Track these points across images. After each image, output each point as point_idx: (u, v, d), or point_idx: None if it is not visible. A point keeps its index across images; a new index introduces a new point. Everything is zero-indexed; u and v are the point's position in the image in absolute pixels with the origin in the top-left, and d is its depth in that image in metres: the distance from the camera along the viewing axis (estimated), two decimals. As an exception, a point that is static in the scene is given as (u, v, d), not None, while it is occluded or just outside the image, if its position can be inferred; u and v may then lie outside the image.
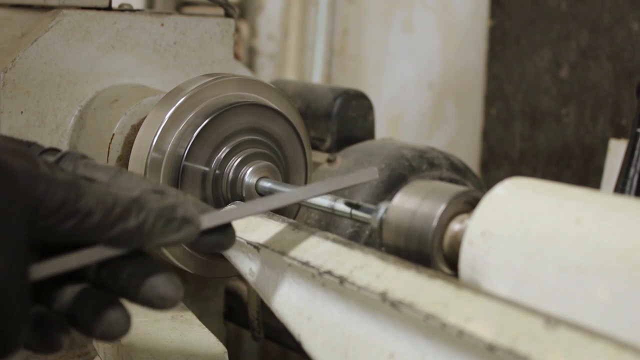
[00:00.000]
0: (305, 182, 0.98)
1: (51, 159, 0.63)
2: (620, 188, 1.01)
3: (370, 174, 0.73)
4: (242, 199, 0.88)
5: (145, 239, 0.58)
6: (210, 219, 0.63)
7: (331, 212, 0.76)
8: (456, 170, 1.12)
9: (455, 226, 0.65)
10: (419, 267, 0.61)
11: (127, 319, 0.59)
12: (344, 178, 0.72)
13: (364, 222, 0.73)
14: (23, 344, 0.53)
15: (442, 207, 0.65)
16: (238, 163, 0.89)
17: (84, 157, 0.64)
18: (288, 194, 0.71)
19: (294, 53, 2.01)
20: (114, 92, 1.05)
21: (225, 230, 0.63)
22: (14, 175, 0.52)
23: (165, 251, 0.90)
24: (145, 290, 0.58)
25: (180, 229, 0.59)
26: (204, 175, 0.88)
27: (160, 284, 0.58)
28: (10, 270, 0.51)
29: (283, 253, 0.70)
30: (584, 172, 1.56)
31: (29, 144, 0.64)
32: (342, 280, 0.63)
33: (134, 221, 0.57)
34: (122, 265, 0.58)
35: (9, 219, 0.51)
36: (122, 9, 1.09)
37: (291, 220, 0.77)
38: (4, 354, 0.52)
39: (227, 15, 1.16)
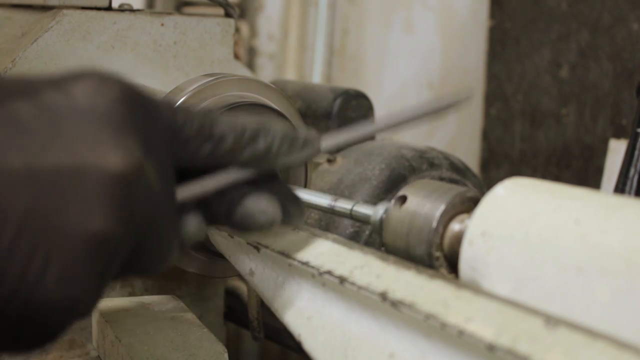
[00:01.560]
0: (305, 182, 0.98)
1: None
2: (620, 188, 1.01)
3: (467, 93, 0.72)
4: (242, 199, 0.88)
5: (273, 159, 0.62)
6: (329, 140, 0.66)
7: (331, 212, 0.76)
8: (456, 170, 1.12)
9: (455, 226, 0.65)
10: (419, 267, 0.61)
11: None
12: (435, 102, 0.71)
13: (364, 222, 0.73)
14: (176, 251, 0.58)
15: (442, 207, 0.65)
16: (238, 163, 0.89)
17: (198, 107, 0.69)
18: (395, 117, 0.69)
19: (294, 53, 2.01)
20: (114, 92, 1.05)
21: (297, 203, 0.67)
22: (159, 108, 0.57)
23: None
24: (250, 205, 0.62)
25: (304, 149, 0.63)
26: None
27: (263, 201, 0.62)
28: (164, 190, 0.55)
29: (283, 253, 0.70)
30: (584, 172, 1.56)
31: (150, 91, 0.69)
32: (342, 280, 0.63)
33: (262, 143, 0.61)
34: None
35: (159, 145, 0.56)
36: (122, 9, 1.09)
37: (291, 220, 0.77)
38: (160, 265, 0.57)
39: (227, 15, 1.16)
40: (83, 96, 0.52)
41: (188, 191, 0.60)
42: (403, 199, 0.68)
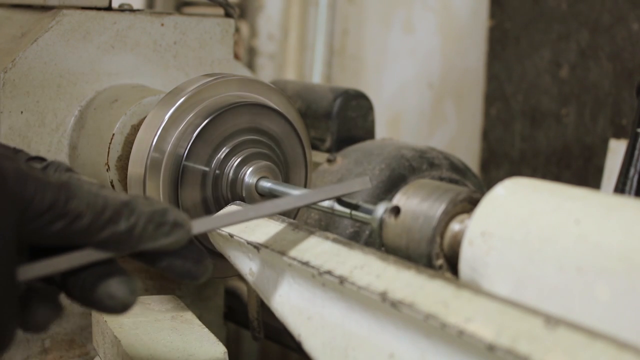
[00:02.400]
0: (305, 182, 0.98)
1: (38, 166, 0.63)
2: (620, 188, 1.01)
3: (363, 184, 0.73)
4: (242, 199, 0.88)
5: (135, 242, 0.57)
6: (201, 224, 0.62)
7: (331, 212, 0.76)
8: (456, 170, 1.12)
9: (455, 226, 0.65)
10: (419, 267, 0.61)
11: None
12: (335, 187, 0.72)
13: (364, 222, 0.73)
14: (13, 343, 0.53)
15: (442, 207, 0.65)
16: (238, 163, 0.89)
17: (69, 169, 0.63)
18: (279, 201, 0.70)
19: (294, 53, 2.01)
20: (114, 92, 1.05)
21: (201, 260, 0.62)
22: (4, 176, 0.52)
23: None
24: (100, 289, 0.57)
25: (171, 233, 0.59)
26: (204, 175, 0.88)
27: (114, 284, 0.57)
28: (1, 265, 0.51)
29: (283, 253, 0.70)
30: (584, 172, 1.56)
31: (16, 151, 0.64)
32: (342, 280, 0.63)
33: (124, 224, 0.56)
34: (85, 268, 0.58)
35: (1, 219, 0.51)
36: (122, 9, 1.09)
37: (291, 220, 0.77)
38: None
39: (227, 15, 1.16)
40: None
41: (32, 271, 0.55)
42: (397, 211, 0.67)
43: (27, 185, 0.53)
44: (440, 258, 0.65)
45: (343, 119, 1.18)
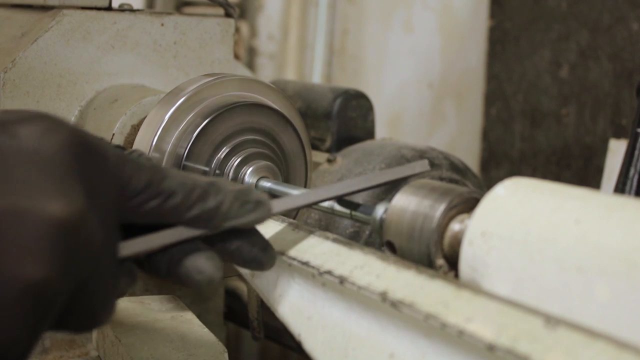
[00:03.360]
0: (306, 182, 0.98)
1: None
2: (620, 188, 1.01)
3: (422, 166, 0.74)
4: (242, 199, 0.88)
5: (222, 219, 0.60)
6: (278, 204, 0.66)
7: (331, 212, 0.76)
8: (456, 170, 1.12)
9: (455, 226, 0.65)
10: (419, 267, 0.61)
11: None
12: (394, 170, 0.73)
13: (364, 222, 0.73)
14: (113, 310, 0.57)
15: (442, 207, 0.65)
16: (238, 163, 0.89)
17: (149, 159, 0.66)
18: (350, 182, 0.71)
19: (294, 53, 2.01)
20: (114, 92, 1.05)
21: (267, 249, 0.65)
22: (107, 157, 0.55)
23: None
24: (188, 264, 0.60)
25: (255, 210, 0.61)
26: (204, 175, 0.88)
27: (202, 259, 0.60)
28: (106, 243, 0.53)
29: (283, 253, 0.70)
30: (584, 172, 1.56)
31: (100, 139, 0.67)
32: (342, 280, 0.63)
33: (212, 202, 0.59)
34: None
35: (104, 196, 0.54)
36: (122, 9, 1.09)
37: (291, 220, 0.77)
38: (96, 323, 0.55)
39: (227, 15, 1.16)
40: (29, 139, 0.50)
41: (132, 248, 0.58)
42: (392, 248, 0.68)
43: (125, 167, 0.56)
44: (440, 258, 0.65)
45: (343, 119, 1.18)
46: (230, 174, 0.89)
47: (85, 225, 0.50)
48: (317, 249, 0.69)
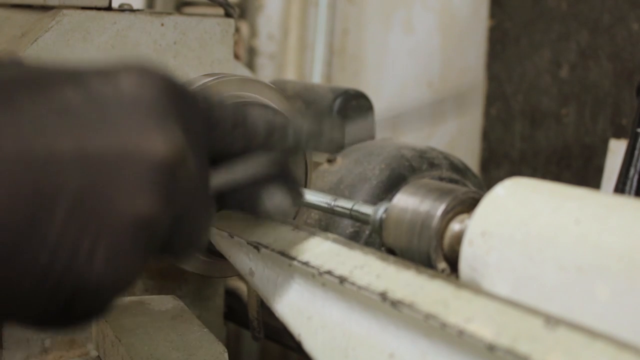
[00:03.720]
0: (306, 182, 0.98)
1: None
2: (620, 188, 1.01)
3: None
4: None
5: (299, 152, 0.70)
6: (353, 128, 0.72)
7: (331, 212, 0.76)
8: (456, 170, 1.12)
9: (455, 226, 0.65)
10: (419, 267, 0.61)
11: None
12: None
13: (364, 222, 0.73)
14: (208, 237, 0.64)
15: (442, 207, 0.65)
16: (238, 163, 0.89)
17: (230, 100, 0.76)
18: None
19: (294, 53, 2.01)
20: (114, 92, 1.05)
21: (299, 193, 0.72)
22: (197, 98, 0.59)
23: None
24: (266, 196, 0.67)
25: (326, 141, 0.67)
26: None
27: (277, 196, 0.67)
28: (202, 176, 0.58)
29: (283, 253, 0.70)
30: (584, 172, 1.56)
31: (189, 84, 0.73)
32: (342, 280, 0.63)
33: (291, 139, 0.65)
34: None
35: (198, 134, 0.58)
36: (122, 9, 1.09)
37: (291, 220, 0.77)
38: (192, 248, 0.60)
39: (227, 15, 1.16)
40: (129, 87, 0.54)
41: (221, 179, 0.64)
42: (391, 252, 0.68)
43: (213, 107, 0.61)
44: (442, 261, 0.65)
45: (343, 119, 1.18)
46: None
47: (186, 162, 0.54)
48: (317, 249, 0.69)
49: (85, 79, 0.53)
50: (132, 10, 1.10)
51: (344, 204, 0.75)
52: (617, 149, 1.41)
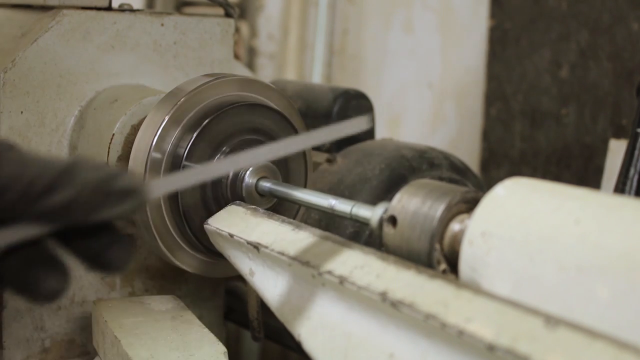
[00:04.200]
0: (305, 182, 0.98)
1: None
2: (620, 188, 1.00)
3: (365, 123, 0.66)
4: (243, 199, 0.88)
5: (82, 213, 0.51)
6: (160, 186, 0.55)
7: (331, 212, 0.76)
8: (456, 170, 1.12)
9: (455, 226, 0.65)
10: (419, 267, 0.61)
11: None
12: (336, 128, 0.65)
13: (364, 222, 0.73)
14: None
15: (442, 207, 0.65)
16: (238, 163, 0.89)
17: (12, 146, 0.56)
18: (257, 152, 0.61)
19: (294, 53, 2.01)
20: (114, 92, 1.05)
21: (123, 248, 0.54)
22: None
23: (164, 250, 0.90)
24: (31, 275, 0.51)
25: (123, 200, 0.52)
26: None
27: (46, 272, 0.51)
28: None
29: (283, 253, 0.70)
30: (584, 172, 1.56)
31: None
32: (342, 280, 0.63)
33: (62, 196, 0.51)
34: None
35: None
36: (122, 9, 1.09)
37: (291, 220, 0.77)
38: None
39: (227, 15, 1.16)
40: None
41: None
42: (393, 221, 0.67)
43: None
44: (441, 258, 0.65)
45: (343, 119, 1.18)
46: (230, 174, 0.89)
47: None
48: (317, 249, 0.69)
49: None
50: (132, 10, 1.10)
51: (344, 204, 0.75)
52: (617, 149, 1.40)
